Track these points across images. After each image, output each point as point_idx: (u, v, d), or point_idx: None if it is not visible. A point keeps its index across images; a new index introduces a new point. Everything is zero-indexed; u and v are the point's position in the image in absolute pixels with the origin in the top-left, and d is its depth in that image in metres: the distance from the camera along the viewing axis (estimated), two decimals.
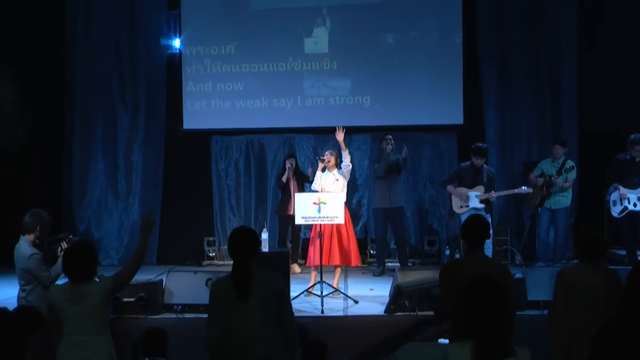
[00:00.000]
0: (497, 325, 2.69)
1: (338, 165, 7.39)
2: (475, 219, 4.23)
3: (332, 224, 6.92)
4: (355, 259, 7.24)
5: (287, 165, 8.76)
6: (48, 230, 5.21)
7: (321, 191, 7.19)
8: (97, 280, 3.79)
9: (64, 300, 3.69)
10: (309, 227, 8.12)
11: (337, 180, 7.31)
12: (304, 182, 8.78)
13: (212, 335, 3.55)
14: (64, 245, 5.06)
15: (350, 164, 7.39)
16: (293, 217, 8.52)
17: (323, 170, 7.36)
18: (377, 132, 9.55)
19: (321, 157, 7.39)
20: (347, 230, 7.17)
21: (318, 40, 9.64)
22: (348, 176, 7.40)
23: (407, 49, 9.59)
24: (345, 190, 7.25)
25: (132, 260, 3.95)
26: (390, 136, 8.34)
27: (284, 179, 8.76)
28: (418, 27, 9.60)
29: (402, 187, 8.59)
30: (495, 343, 2.68)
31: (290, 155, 9.11)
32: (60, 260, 4.94)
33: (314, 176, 7.49)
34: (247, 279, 3.48)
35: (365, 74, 9.63)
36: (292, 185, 8.76)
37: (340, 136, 7.32)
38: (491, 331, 2.67)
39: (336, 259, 7.12)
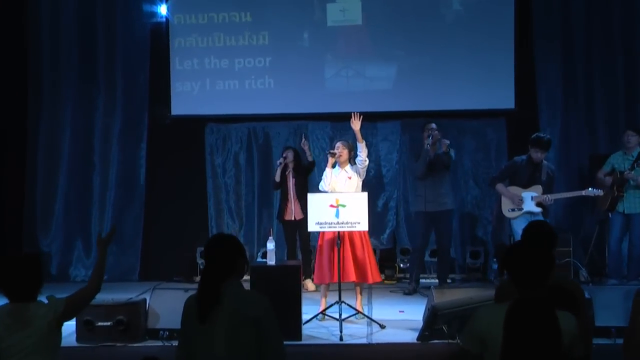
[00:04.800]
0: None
1: (352, 160, 7.33)
2: (538, 226, 4.23)
3: (344, 231, 6.85)
4: (373, 275, 7.14)
5: (279, 159, 8.78)
6: None
7: (331, 192, 7.14)
8: (46, 301, 3.74)
9: (3, 328, 3.61)
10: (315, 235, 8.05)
11: (349, 178, 7.23)
12: (307, 178, 8.84)
13: (179, 358, 3.58)
14: None
15: (367, 159, 7.32)
16: (294, 222, 8.58)
17: (333, 166, 7.29)
18: (408, 119, 9.52)
19: (331, 151, 7.31)
20: (361, 239, 7.09)
21: (347, 6, 9.58)
22: (364, 174, 7.34)
23: (445, 17, 9.55)
24: (359, 190, 7.18)
25: (90, 279, 3.91)
26: (433, 125, 8.25)
27: (276, 177, 8.77)
28: None
29: (449, 185, 8.51)
30: None
31: (288, 147, 9.09)
32: None
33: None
34: (212, 299, 3.44)
35: (397, 49, 9.59)
36: (290, 183, 8.77)
37: (356, 125, 7.23)
38: None
39: (351, 274, 6.99)
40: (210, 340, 3.44)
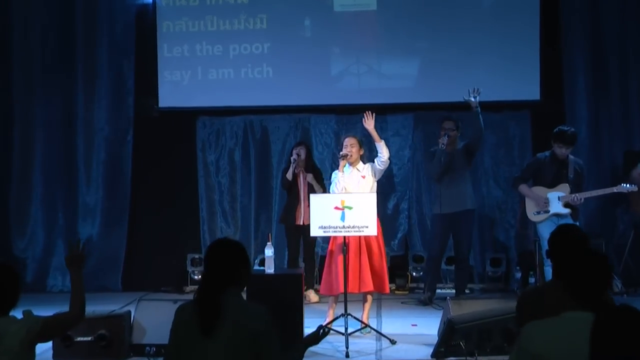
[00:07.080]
0: None
1: (363, 157, 7.27)
2: (568, 231, 4.24)
3: (360, 235, 6.82)
4: (387, 285, 7.17)
5: (293, 156, 8.72)
6: None
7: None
8: (21, 317, 3.70)
9: None
10: (326, 240, 8.03)
11: (363, 177, 7.15)
12: (321, 180, 8.74)
13: None
14: None
15: (389, 160, 7.26)
16: (304, 227, 8.54)
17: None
18: (421, 112, 9.50)
19: (342, 153, 7.16)
20: (378, 245, 7.07)
21: None
22: (380, 175, 7.28)
23: (477, 2, 9.56)
24: (374, 191, 7.06)
25: (71, 306, 3.87)
26: (451, 124, 8.22)
27: (289, 175, 8.71)
28: None
29: (470, 183, 8.44)
30: None
31: (300, 142, 9.06)
32: None
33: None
34: (215, 310, 3.45)
35: (416, 40, 9.60)
36: (302, 183, 8.72)
37: (370, 124, 7.19)
38: None
39: (368, 284, 6.98)
40: (207, 354, 3.45)
